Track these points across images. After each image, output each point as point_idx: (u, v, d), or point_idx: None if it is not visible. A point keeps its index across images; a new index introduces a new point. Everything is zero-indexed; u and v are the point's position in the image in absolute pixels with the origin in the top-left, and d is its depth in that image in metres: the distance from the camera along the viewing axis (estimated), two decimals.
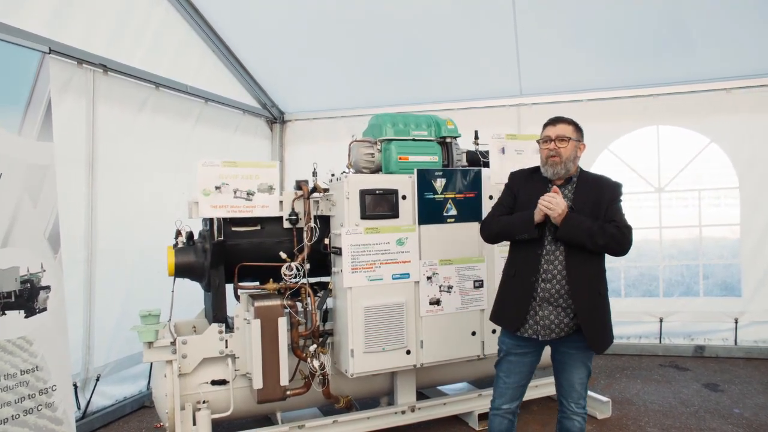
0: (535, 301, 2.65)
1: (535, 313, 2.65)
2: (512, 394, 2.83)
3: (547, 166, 2.71)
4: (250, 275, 3.58)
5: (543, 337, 2.66)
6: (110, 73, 4.15)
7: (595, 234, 2.54)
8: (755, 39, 5.03)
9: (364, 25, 5.19)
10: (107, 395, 4.19)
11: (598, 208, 2.64)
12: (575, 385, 2.73)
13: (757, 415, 4.08)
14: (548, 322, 2.63)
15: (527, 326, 2.68)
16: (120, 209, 4.28)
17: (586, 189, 2.70)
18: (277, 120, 6.59)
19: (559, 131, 2.68)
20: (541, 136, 2.76)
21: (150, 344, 3.27)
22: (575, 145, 2.70)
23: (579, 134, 2.75)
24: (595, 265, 2.68)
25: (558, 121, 2.74)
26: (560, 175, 2.70)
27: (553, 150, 2.67)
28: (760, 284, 5.45)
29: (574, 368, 2.72)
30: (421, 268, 3.51)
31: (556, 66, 5.58)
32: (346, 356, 3.37)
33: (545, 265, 2.64)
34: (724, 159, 5.54)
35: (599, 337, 2.65)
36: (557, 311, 2.62)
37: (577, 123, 2.76)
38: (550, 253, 2.65)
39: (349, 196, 3.35)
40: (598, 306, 2.65)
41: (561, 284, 2.61)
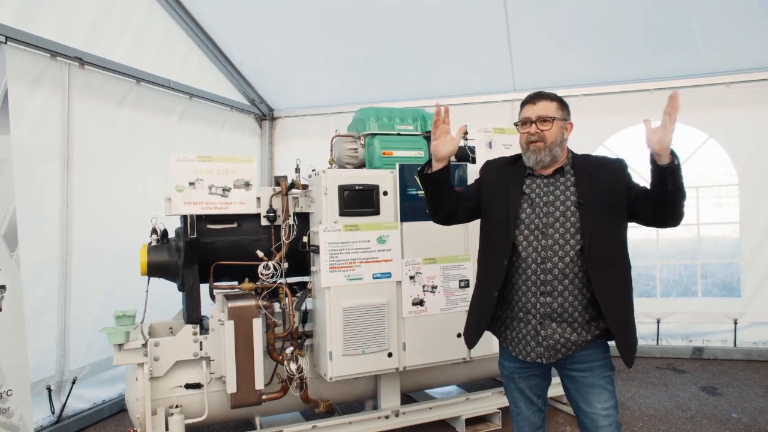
0: (535, 318, 2.20)
1: (537, 333, 2.20)
2: (530, 424, 2.40)
3: (529, 152, 2.24)
4: (227, 275, 3.45)
5: (547, 360, 2.21)
6: (87, 66, 4.04)
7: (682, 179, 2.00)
8: (755, 32, 4.89)
9: (354, 20, 5.07)
10: (84, 398, 4.07)
11: (616, 193, 2.17)
12: (599, 419, 2.18)
13: (756, 419, 3.93)
14: (553, 342, 2.19)
15: (529, 349, 2.24)
16: (99, 207, 4.18)
17: (590, 175, 2.22)
18: (266, 116, 6.47)
19: (541, 110, 2.21)
20: (519, 118, 2.30)
21: (120, 346, 3.14)
22: (561, 125, 2.22)
23: (565, 112, 2.27)
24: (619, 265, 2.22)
25: (538, 97, 2.25)
26: (545, 163, 2.23)
27: (534, 134, 2.20)
28: (760, 284, 5.30)
29: (592, 396, 2.21)
30: (403, 267, 3.37)
31: (550, 60, 5.45)
32: (325, 359, 3.24)
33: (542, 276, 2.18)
34: (723, 155, 5.40)
35: (631, 348, 2.19)
36: (562, 328, 2.18)
37: (561, 98, 2.28)
38: (547, 260, 2.17)
39: (327, 191, 3.22)
40: (628, 313, 2.23)
41: (564, 297, 2.17)
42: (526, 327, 2.24)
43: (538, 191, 2.27)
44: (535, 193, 2.27)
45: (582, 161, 2.30)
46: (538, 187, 2.28)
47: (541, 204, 2.24)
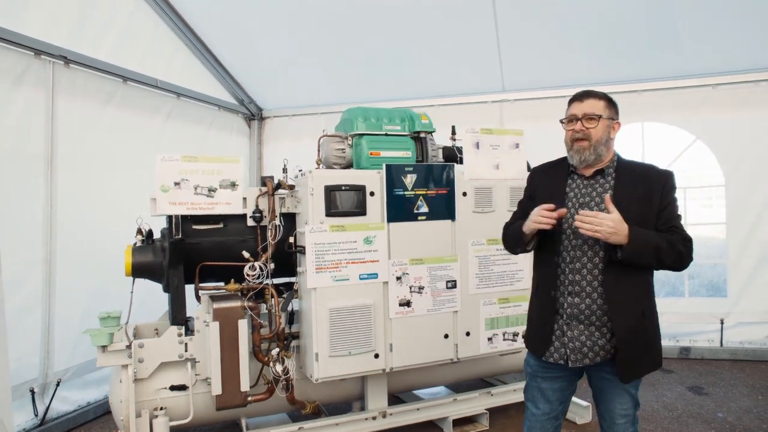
0: (562, 318, 2.21)
1: (563, 334, 2.20)
2: (543, 429, 2.38)
3: (573, 151, 2.22)
4: (214, 275, 3.42)
5: (573, 363, 2.19)
6: (72, 65, 3.99)
7: (663, 253, 2.06)
8: (741, 34, 4.93)
9: (344, 21, 5.07)
10: (69, 401, 4.02)
11: (648, 209, 2.14)
12: (616, 418, 2.25)
13: (741, 419, 3.95)
14: (579, 344, 2.17)
15: (552, 349, 2.24)
16: (84, 207, 4.13)
17: (630, 183, 2.18)
18: (255, 116, 6.44)
19: (587, 108, 2.18)
20: (565, 115, 2.28)
21: (104, 348, 3.11)
22: (608, 124, 2.19)
23: (613, 111, 2.23)
24: (640, 278, 2.17)
25: (586, 95, 2.23)
26: (589, 162, 2.20)
27: (579, 132, 2.18)
28: (746, 285, 5.33)
29: (614, 396, 2.24)
30: (390, 268, 3.36)
31: (538, 61, 5.46)
32: (311, 360, 3.22)
33: (570, 276, 2.20)
34: (710, 156, 5.43)
35: (632, 364, 2.17)
36: (590, 331, 2.16)
37: (610, 97, 2.25)
38: (576, 260, 2.18)
39: (313, 192, 3.20)
40: (640, 330, 2.16)
41: (592, 299, 2.15)
42: (553, 327, 2.25)
43: (576, 191, 2.27)
44: (573, 192, 2.28)
45: (627, 166, 2.26)
46: (577, 188, 2.28)
47: (577, 205, 2.24)
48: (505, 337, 3.67)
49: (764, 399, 4.32)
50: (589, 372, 2.32)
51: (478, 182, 3.59)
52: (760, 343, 5.33)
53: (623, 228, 2.04)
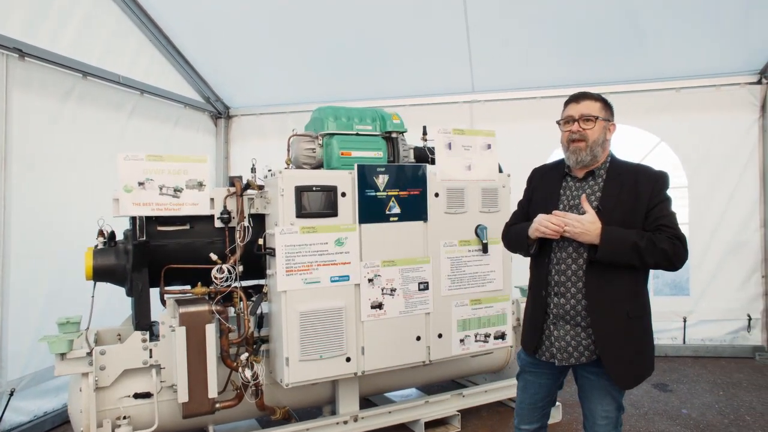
0: (549, 318, 2.26)
1: (550, 333, 2.26)
2: (529, 415, 2.48)
3: (569, 152, 2.25)
4: (179, 278, 3.31)
5: (560, 362, 2.23)
6: (27, 58, 3.81)
7: (643, 251, 2.04)
8: (704, 40, 5.06)
9: (313, 19, 4.98)
10: (24, 411, 3.83)
11: (635, 209, 2.15)
12: (597, 419, 2.25)
13: (704, 414, 4.05)
14: (564, 344, 2.21)
15: (543, 348, 2.30)
16: (42, 207, 3.95)
17: (617, 183, 2.19)
18: (222, 115, 6.29)
19: (584, 109, 2.20)
20: (561, 116, 2.30)
21: (63, 356, 2.97)
22: (604, 125, 2.22)
23: (608, 112, 2.26)
24: (624, 278, 2.15)
25: (582, 97, 2.25)
26: (585, 163, 2.23)
27: (576, 132, 2.20)
28: (708, 284, 5.49)
29: (595, 397, 2.26)
30: (361, 270, 3.31)
31: (508, 63, 5.49)
32: (281, 365, 3.14)
33: (556, 276, 2.23)
34: (674, 158, 5.56)
35: (624, 368, 2.16)
36: (575, 331, 2.19)
37: (606, 99, 2.28)
38: (561, 261, 2.22)
39: (283, 193, 3.12)
40: (624, 331, 2.15)
41: (577, 299, 2.19)
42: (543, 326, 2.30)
43: (568, 193, 2.31)
44: (566, 195, 2.31)
45: (618, 166, 2.27)
46: (569, 189, 2.32)
47: (568, 206, 2.28)
48: (477, 338, 3.66)
49: (725, 394, 4.44)
50: (575, 370, 2.35)
51: (450, 183, 3.57)
52: (720, 340, 5.49)
53: (594, 228, 2.07)
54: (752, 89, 5.36)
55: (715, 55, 5.23)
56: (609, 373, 2.16)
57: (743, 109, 5.40)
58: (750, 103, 5.37)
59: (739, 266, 5.44)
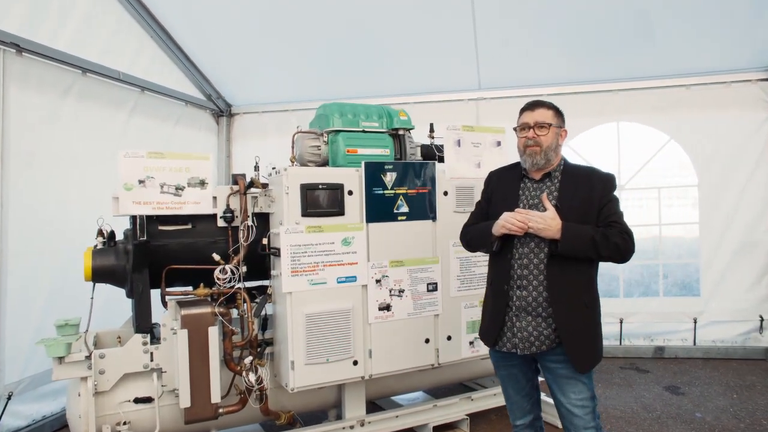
0: (512, 310, 2.37)
1: (512, 324, 2.38)
2: (520, 409, 2.57)
3: (525, 156, 2.43)
4: (181, 279, 3.22)
5: (522, 351, 2.36)
6: (26, 54, 3.72)
7: (599, 245, 2.23)
8: (715, 36, 4.96)
9: (317, 15, 4.90)
10: (22, 415, 3.74)
11: (589, 207, 2.32)
12: (574, 409, 2.35)
13: (719, 418, 3.95)
14: (527, 334, 2.34)
15: (505, 339, 2.41)
16: (40, 205, 3.86)
17: (572, 184, 2.39)
18: (224, 113, 6.21)
19: (538, 117, 2.40)
20: (517, 123, 2.48)
21: (61, 359, 2.88)
22: (556, 132, 2.41)
23: (560, 120, 2.46)
24: (581, 271, 2.34)
25: (536, 105, 2.45)
26: (540, 166, 2.41)
27: (531, 138, 2.39)
28: (718, 284, 5.39)
29: (567, 387, 2.36)
30: (369, 271, 3.21)
31: (515, 60, 5.40)
32: (286, 368, 3.05)
33: (519, 270, 2.36)
34: (684, 157, 5.47)
35: (583, 354, 2.31)
36: (537, 321, 2.33)
37: (557, 107, 2.48)
38: (524, 256, 2.36)
39: (288, 191, 3.03)
40: (582, 319, 2.33)
41: (538, 291, 2.33)
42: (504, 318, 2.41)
43: (527, 193, 2.46)
44: (525, 195, 2.46)
45: (572, 169, 2.46)
46: (528, 190, 2.47)
47: (527, 205, 2.42)
48: None
49: (739, 398, 4.35)
50: (541, 362, 2.44)
51: (459, 181, 3.48)
52: (731, 341, 5.39)
53: (555, 224, 2.24)
54: (763, 86, 5.26)
55: (725, 52, 5.14)
56: (570, 358, 2.30)
57: (754, 106, 5.29)
58: (761, 100, 5.27)
59: (749, 266, 5.33)
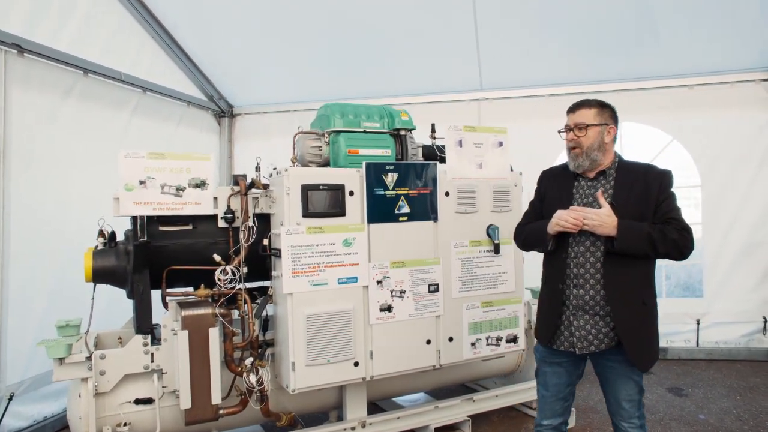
0: (569, 309, 2.38)
1: (570, 324, 2.38)
2: (551, 409, 2.57)
3: (570, 158, 2.45)
4: (182, 280, 3.21)
5: (580, 350, 2.36)
6: (27, 54, 3.72)
7: (656, 241, 2.20)
8: (718, 36, 4.96)
9: (317, 16, 4.90)
10: (23, 416, 3.74)
11: (646, 205, 2.29)
12: (622, 403, 2.41)
13: (722, 420, 3.93)
14: (585, 333, 2.34)
15: (562, 338, 2.42)
16: (42, 206, 3.87)
17: (628, 181, 2.35)
18: (225, 113, 6.21)
19: (577, 119, 2.39)
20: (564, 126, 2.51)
21: (61, 360, 2.87)
22: (598, 130, 2.37)
23: (603, 116, 2.40)
24: (638, 268, 2.32)
25: (578, 106, 2.44)
26: (584, 167, 2.41)
27: (572, 141, 2.40)
28: (721, 285, 5.36)
29: (618, 383, 2.40)
30: (370, 272, 3.20)
31: (517, 61, 5.40)
32: (287, 369, 3.04)
33: (575, 269, 2.36)
34: (687, 157, 5.44)
35: (643, 352, 2.31)
36: (594, 320, 2.33)
37: (603, 104, 2.43)
38: (579, 255, 2.35)
39: (289, 191, 3.02)
40: (640, 317, 2.32)
41: (596, 290, 2.32)
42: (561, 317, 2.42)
43: (582, 192, 2.46)
44: (579, 194, 2.46)
45: (627, 166, 2.43)
46: (582, 189, 2.47)
47: (582, 204, 2.42)
48: (488, 341, 3.55)
49: (742, 399, 4.32)
50: (594, 359, 2.46)
51: (460, 182, 3.46)
52: (735, 342, 5.37)
53: (611, 221, 2.22)
54: (767, 85, 5.24)
55: (728, 52, 5.12)
56: (630, 357, 2.29)
57: (757, 107, 5.27)
58: (764, 100, 5.25)
59: (753, 267, 5.31)
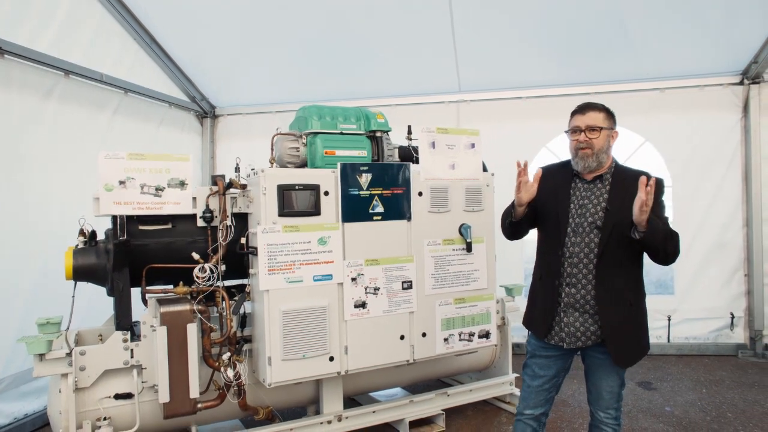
0: (560, 306, 2.49)
1: (560, 320, 2.50)
2: (535, 400, 2.66)
3: (578, 159, 2.49)
4: (161, 278, 3.28)
5: (568, 345, 2.49)
6: (7, 56, 3.76)
7: (668, 238, 2.30)
8: (689, 41, 5.10)
9: (297, 18, 4.97)
10: (4, 413, 3.77)
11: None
12: (603, 393, 2.54)
13: (687, 412, 4.08)
14: (573, 330, 2.46)
15: (552, 333, 2.53)
16: (23, 206, 3.91)
17: (622, 186, 2.43)
18: (207, 114, 6.27)
19: (590, 120, 2.44)
20: (569, 126, 2.54)
21: (42, 356, 2.93)
22: (608, 134, 2.46)
23: (611, 121, 2.49)
24: (628, 271, 2.45)
25: (588, 108, 2.49)
26: (591, 168, 2.48)
27: (583, 142, 2.44)
28: (691, 283, 5.54)
29: (602, 375, 2.52)
30: (345, 269, 3.30)
31: (495, 63, 5.51)
32: (264, 364, 3.13)
33: (569, 269, 2.46)
34: (658, 158, 5.60)
35: (625, 351, 2.44)
36: (584, 318, 2.44)
37: (609, 109, 2.52)
38: (574, 255, 2.45)
39: (266, 191, 3.11)
40: (626, 318, 2.42)
41: (587, 290, 2.42)
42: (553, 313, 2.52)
43: (578, 194, 2.53)
44: (576, 195, 2.54)
45: (623, 171, 2.51)
46: (579, 190, 2.54)
47: (578, 205, 2.50)
48: (461, 337, 3.66)
49: (708, 392, 4.48)
50: (583, 352, 2.59)
51: (433, 182, 3.57)
52: (703, 338, 5.54)
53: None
54: (735, 90, 5.41)
55: (699, 56, 5.28)
56: (611, 355, 2.42)
57: (726, 110, 5.45)
58: (733, 104, 5.43)
59: (722, 265, 5.50)
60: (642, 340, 2.51)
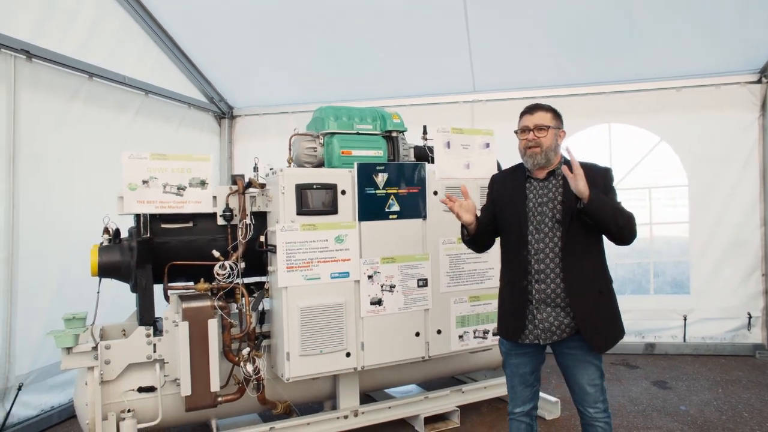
0: (532, 304, 2.51)
1: (534, 317, 2.51)
2: (522, 397, 2.70)
3: (527, 157, 2.56)
4: (183, 275, 3.38)
5: (544, 341, 2.51)
6: (35, 60, 3.89)
7: (618, 212, 2.38)
8: (705, 38, 5.08)
9: (315, 19, 5.04)
10: (32, 405, 3.91)
11: None
12: (586, 388, 2.54)
13: (702, 411, 4.08)
14: (548, 325, 2.49)
15: (527, 332, 2.54)
16: (49, 205, 4.04)
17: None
18: (225, 115, 6.37)
19: (537, 120, 2.53)
20: (518, 126, 2.61)
21: (69, 350, 3.04)
22: (555, 132, 2.54)
23: (558, 121, 2.59)
24: (594, 260, 2.52)
25: (535, 108, 2.58)
26: (540, 165, 2.54)
27: (532, 140, 2.52)
28: (708, 282, 5.51)
29: (579, 369, 2.54)
30: (361, 267, 3.36)
31: (509, 62, 5.53)
32: (282, 359, 3.20)
33: (536, 265, 2.49)
34: (674, 157, 5.59)
35: (600, 337, 2.47)
36: (556, 312, 2.48)
37: (555, 109, 2.60)
38: (539, 251, 2.49)
39: (284, 190, 3.18)
40: (597, 306, 2.49)
41: (556, 283, 2.47)
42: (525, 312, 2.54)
43: (534, 192, 2.59)
44: (532, 194, 2.59)
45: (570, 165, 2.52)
46: (534, 189, 2.60)
47: (537, 203, 2.56)
48: (475, 334, 3.71)
49: (724, 392, 4.47)
50: (555, 349, 2.59)
51: (448, 181, 3.62)
52: (720, 338, 5.51)
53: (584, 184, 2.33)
54: (752, 88, 5.38)
55: (715, 55, 5.25)
56: (587, 341, 2.45)
57: (743, 108, 5.41)
58: (750, 102, 5.39)
59: (739, 264, 5.46)
60: (616, 322, 2.55)
